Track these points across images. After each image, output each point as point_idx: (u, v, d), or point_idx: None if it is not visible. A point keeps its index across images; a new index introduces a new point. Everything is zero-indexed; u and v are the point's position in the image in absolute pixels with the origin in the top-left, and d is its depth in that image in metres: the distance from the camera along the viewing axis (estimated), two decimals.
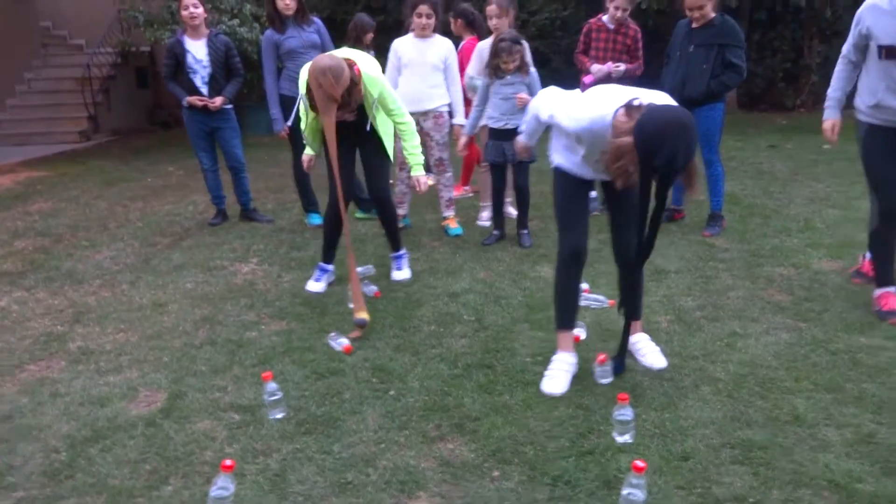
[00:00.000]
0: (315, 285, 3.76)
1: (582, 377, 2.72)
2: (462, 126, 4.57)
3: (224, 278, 4.01)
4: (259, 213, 5.32)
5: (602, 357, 2.69)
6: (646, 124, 2.12)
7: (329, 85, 3.03)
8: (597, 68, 4.86)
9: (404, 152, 3.65)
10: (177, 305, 3.62)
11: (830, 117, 3.51)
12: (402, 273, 3.92)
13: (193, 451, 2.32)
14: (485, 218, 5.00)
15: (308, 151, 3.71)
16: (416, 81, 4.55)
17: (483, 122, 4.46)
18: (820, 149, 7.38)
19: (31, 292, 3.90)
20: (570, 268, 2.73)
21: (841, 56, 3.39)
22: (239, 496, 2.07)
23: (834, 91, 3.45)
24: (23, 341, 3.24)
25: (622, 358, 2.73)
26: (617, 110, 2.27)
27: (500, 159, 4.40)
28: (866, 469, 2.16)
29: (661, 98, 2.31)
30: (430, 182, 4.77)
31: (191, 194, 6.37)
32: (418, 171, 3.65)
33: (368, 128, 3.55)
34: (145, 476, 2.20)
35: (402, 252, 3.97)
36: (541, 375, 2.74)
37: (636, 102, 2.22)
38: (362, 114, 3.45)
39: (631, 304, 2.76)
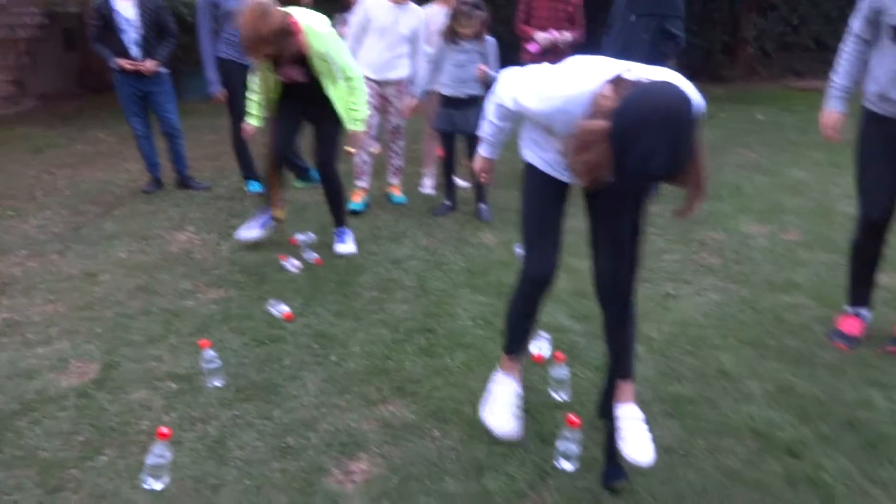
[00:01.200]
0: (256, 232, 3.79)
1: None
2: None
3: (159, 247, 3.90)
4: (195, 181, 5.17)
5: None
6: (628, 107, 1.55)
7: (254, 20, 2.98)
8: (542, 37, 4.86)
9: (348, 105, 3.47)
10: (109, 275, 3.51)
11: (833, 109, 2.76)
12: (345, 246, 3.79)
13: (129, 422, 2.27)
14: (427, 186, 4.98)
15: (250, 121, 3.60)
16: (384, 49, 4.37)
17: (435, 87, 4.41)
18: (753, 119, 7.62)
19: None
20: (530, 295, 2.18)
21: (849, 34, 2.70)
22: (177, 463, 2.04)
23: (840, 77, 2.73)
24: None
25: (613, 455, 1.99)
26: (603, 85, 1.68)
27: (450, 128, 4.37)
28: (785, 418, 2.29)
29: (668, 77, 1.66)
30: (374, 150, 4.72)
31: (123, 162, 6.13)
32: (357, 126, 3.50)
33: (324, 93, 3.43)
34: (78, 447, 2.15)
35: (344, 228, 3.85)
36: (481, 339, 2.79)
37: (628, 76, 1.65)
38: (312, 77, 3.36)
39: (616, 355, 2.11)
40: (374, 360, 2.66)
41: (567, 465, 2.04)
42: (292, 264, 3.58)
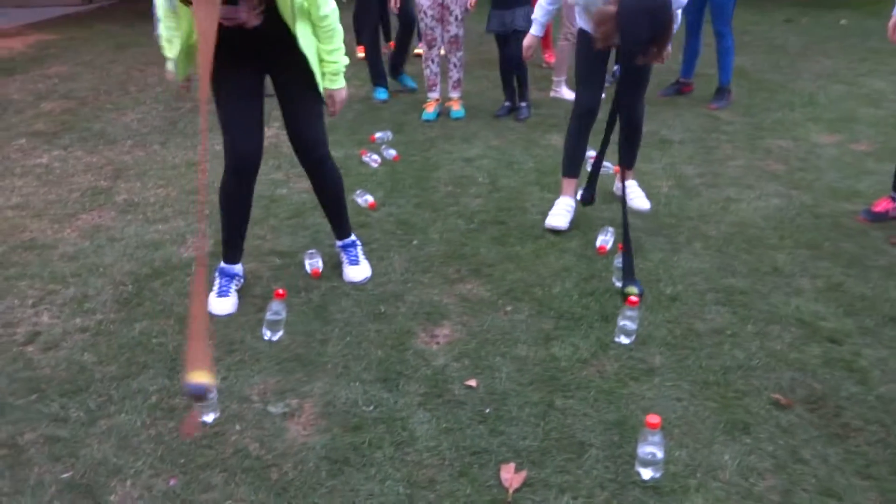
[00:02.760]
0: (220, 304, 2.46)
1: (586, 230, 3.01)
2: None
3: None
4: None
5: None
6: (626, 1, 2.35)
7: None
8: None
9: (322, 56, 2.32)
10: (209, 165, 3.83)
11: None
12: (359, 269, 2.67)
13: (244, 286, 2.64)
14: (562, 92, 5.06)
15: (170, 67, 2.36)
16: None
17: None
18: (836, 24, 7.30)
19: (68, 150, 4.13)
20: (582, 122, 3.01)
21: None
22: (288, 321, 2.40)
23: None
24: (72, 194, 3.51)
25: (593, 181, 2.94)
26: None
27: (502, 29, 4.40)
28: (831, 311, 2.48)
29: None
30: (442, 52, 4.82)
31: None
32: (335, 83, 2.38)
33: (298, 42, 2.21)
34: None
35: (353, 239, 2.74)
36: (549, 232, 3.03)
37: None
38: (274, 19, 2.14)
39: (624, 152, 2.94)
40: (452, 246, 2.94)
41: (625, 340, 2.31)
42: (372, 159, 3.84)
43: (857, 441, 1.87)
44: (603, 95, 3.10)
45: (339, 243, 2.73)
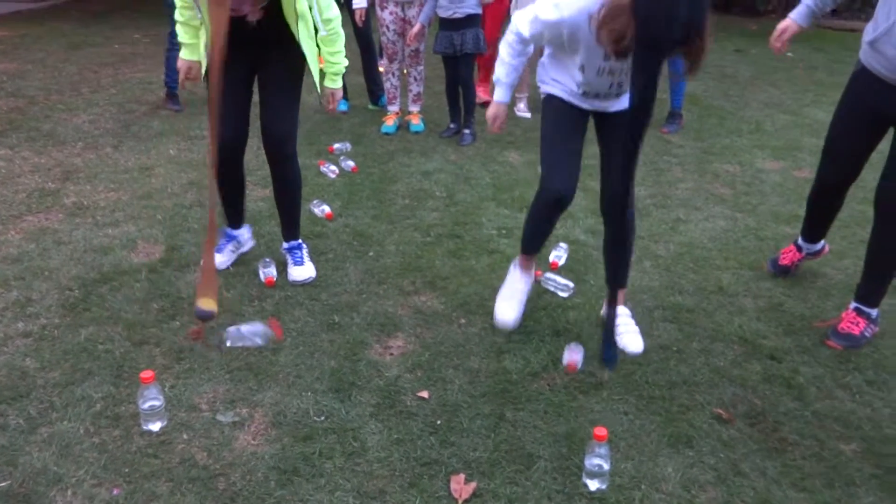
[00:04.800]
0: (217, 257, 2.58)
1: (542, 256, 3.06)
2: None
3: (205, 146, 4.17)
4: None
5: (554, 262, 2.45)
6: None
7: None
8: None
9: (324, 58, 2.57)
10: (163, 169, 3.79)
11: (791, 16, 2.65)
12: (303, 269, 2.72)
13: (194, 295, 2.60)
14: (522, 109, 5.10)
15: (185, 55, 2.55)
16: None
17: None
18: (783, 56, 7.61)
19: (15, 150, 4.01)
20: (548, 212, 2.34)
21: None
22: (241, 331, 2.37)
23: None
24: (18, 195, 3.41)
25: (612, 344, 2.22)
26: None
27: (450, 51, 4.38)
28: (772, 329, 2.58)
29: None
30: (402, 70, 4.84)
31: (161, 65, 6.31)
32: (336, 83, 2.63)
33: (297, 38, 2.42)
34: (154, 312, 2.49)
35: (299, 242, 2.80)
36: (504, 246, 3.07)
37: None
38: (273, 18, 2.34)
39: (616, 268, 2.32)
40: (408, 258, 2.96)
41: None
42: (330, 170, 3.84)
43: (793, 455, 1.95)
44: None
45: (285, 245, 2.80)
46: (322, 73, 2.61)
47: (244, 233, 2.90)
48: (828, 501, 1.79)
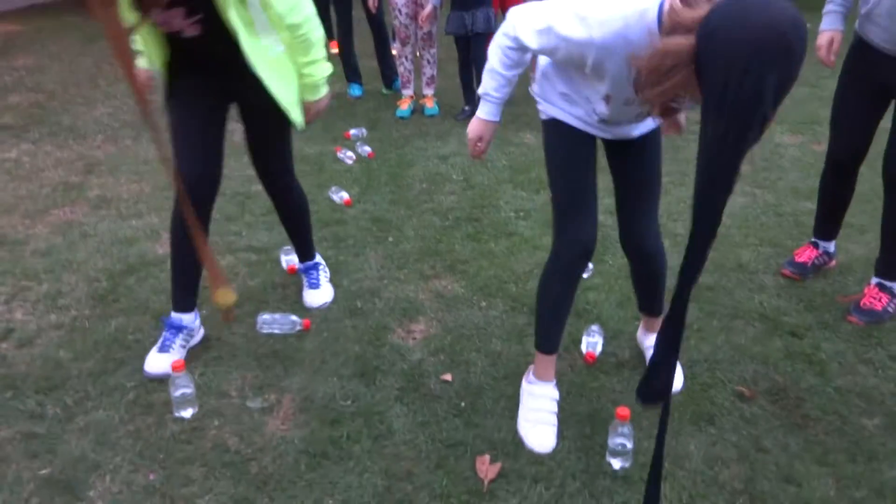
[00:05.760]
0: (156, 360, 2.12)
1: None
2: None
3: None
4: None
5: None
6: (723, 20, 1.19)
7: None
8: None
9: (301, 69, 2.10)
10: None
11: (828, 27, 2.51)
12: (320, 294, 2.52)
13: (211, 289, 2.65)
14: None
15: (140, 63, 2.11)
16: None
17: None
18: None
19: (37, 145, 4.08)
20: (571, 270, 1.88)
21: None
22: (265, 318, 2.42)
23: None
24: (43, 189, 3.47)
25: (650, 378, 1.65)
26: None
27: (462, 31, 4.36)
28: (792, 306, 2.58)
29: None
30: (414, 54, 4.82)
31: None
32: (315, 95, 2.17)
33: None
34: None
35: (316, 262, 2.60)
36: (522, 228, 3.08)
37: None
38: (220, 32, 1.87)
39: (652, 302, 2.10)
40: (427, 243, 2.98)
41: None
42: (347, 156, 3.86)
43: (815, 430, 1.96)
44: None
45: (300, 266, 2.58)
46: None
47: (193, 319, 2.24)
48: (850, 476, 1.80)
